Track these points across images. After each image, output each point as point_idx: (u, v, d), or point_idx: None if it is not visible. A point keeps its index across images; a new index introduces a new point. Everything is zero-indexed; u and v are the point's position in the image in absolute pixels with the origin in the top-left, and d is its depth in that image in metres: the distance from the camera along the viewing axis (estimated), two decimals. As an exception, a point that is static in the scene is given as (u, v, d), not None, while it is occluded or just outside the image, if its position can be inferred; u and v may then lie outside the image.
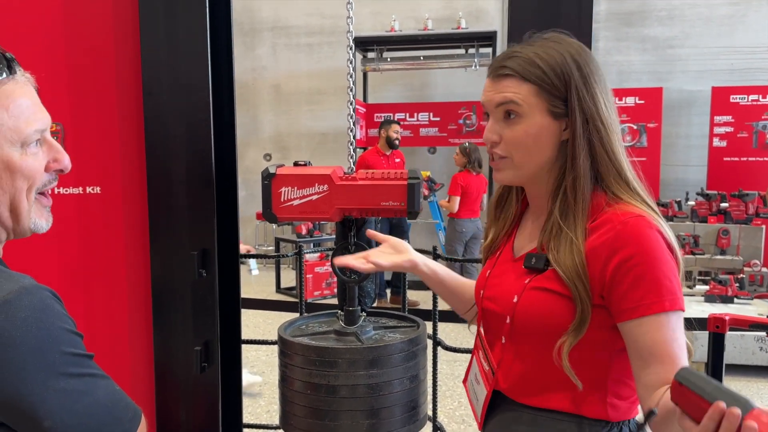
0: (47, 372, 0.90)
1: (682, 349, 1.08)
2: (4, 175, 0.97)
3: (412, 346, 1.81)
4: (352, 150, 1.94)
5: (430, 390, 2.08)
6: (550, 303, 1.13)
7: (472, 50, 7.99)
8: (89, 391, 0.95)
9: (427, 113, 8.11)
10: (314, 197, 1.77)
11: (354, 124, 1.99)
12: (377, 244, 1.99)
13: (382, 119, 7.76)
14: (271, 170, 1.78)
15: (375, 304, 3.26)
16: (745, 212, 6.50)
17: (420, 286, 7.08)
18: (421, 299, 6.72)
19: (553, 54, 1.15)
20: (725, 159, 7.33)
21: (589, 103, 1.14)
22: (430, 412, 2.61)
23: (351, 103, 1.89)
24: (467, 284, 1.51)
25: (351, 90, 1.92)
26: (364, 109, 8.28)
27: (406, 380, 1.79)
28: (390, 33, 8.00)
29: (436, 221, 7.76)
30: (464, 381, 1.42)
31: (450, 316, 1.84)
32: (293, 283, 7.63)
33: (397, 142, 6.60)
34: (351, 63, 1.86)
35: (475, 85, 8.50)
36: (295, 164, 1.88)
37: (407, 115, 8.24)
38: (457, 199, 6.56)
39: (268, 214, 1.79)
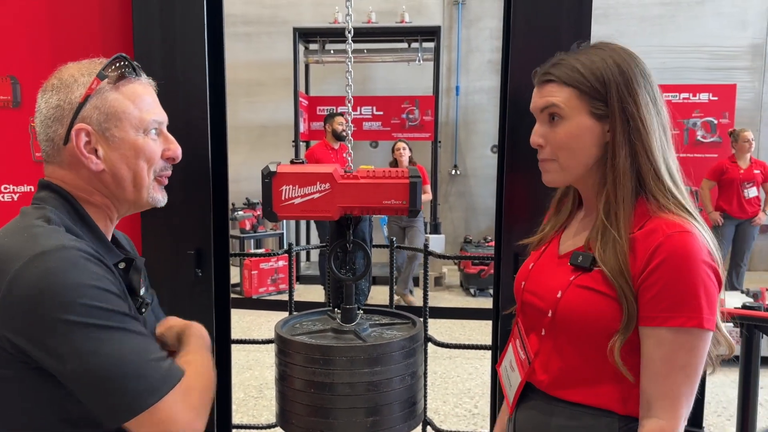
0: (64, 320, 0.98)
1: (678, 369, 1.11)
2: (130, 154, 1.15)
3: (412, 343, 1.83)
4: (350, 148, 1.94)
5: (420, 385, 2.09)
6: (594, 302, 1.17)
7: (415, 44, 8.04)
8: (110, 342, 1.01)
9: (370, 107, 8.11)
10: (316, 196, 1.75)
11: (348, 124, 1.99)
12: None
13: (326, 112, 7.73)
14: (272, 168, 1.75)
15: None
16: (678, 206, 6.82)
17: (376, 281, 7.09)
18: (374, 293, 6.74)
19: (594, 59, 1.20)
20: (659, 155, 7.65)
21: (630, 105, 1.18)
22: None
23: (349, 102, 1.89)
24: None
25: (349, 83, 1.92)
26: (307, 102, 8.22)
27: (407, 377, 1.81)
28: (333, 25, 7.95)
29: (380, 216, 7.79)
30: (498, 366, 1.47)
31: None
32: (234, 280, 7.51)
33: (344, 134, 6.54)
34: (350, 56, 1.85)
35: (418, 79, 8.58)
36: (292, 162, 1.87)
37: (350, 108, 8.20)
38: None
39: (268, 212, 1.76)
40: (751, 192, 6.33)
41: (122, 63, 1.16)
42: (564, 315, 1.20)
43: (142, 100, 1.17)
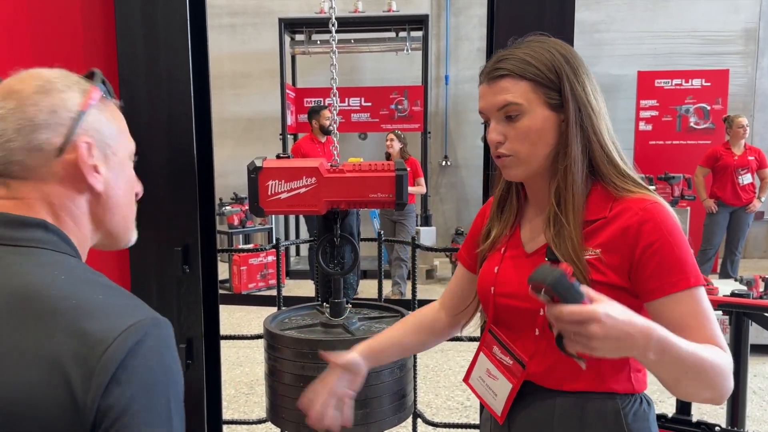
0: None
1: (705, 317, 1.15)
2: (126, 181, 1.02)
3: (401, 336, 1.83)
4: (336, 141, 1.93)
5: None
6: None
7: (403, 34, 7.98)
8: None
9: (358, 98, 8.06)
10: (302, 190, 1.74)
11: (334, 117, 1.98)
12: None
13: (312, 104, 7.68)
14: (258, 163, 1.74)
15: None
16: (671, 194, 6.80)
17: (366, 275, 7.06)
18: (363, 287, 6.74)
19: (541, 51, 1.22)
20: (651, 142, 7.64)
21: (580, 92, 1.21)
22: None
23: (335, 95, 1.88)
24: (407, 330, 1.53)
25: (333, 77, 1.90)
26: (294, 94, 8.17)
27: (396, 369, 1.81)
28: (320, 14, 7.88)
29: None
30: (465, 379, 1.43)
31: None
32: (223, 276, 7.48)
33: (332, 128, 6.48)
34: (334, 51, 1.84)
35: (406, 69, 8.53)
36: (278, 157, 1.86)
37: (337, 99, 8.16)
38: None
39: (255, 207, 1.76)
40: (746, 179, 6.31)
41: (103, 80, 1.01)
42: None
43: (125, 126, 1.03)
